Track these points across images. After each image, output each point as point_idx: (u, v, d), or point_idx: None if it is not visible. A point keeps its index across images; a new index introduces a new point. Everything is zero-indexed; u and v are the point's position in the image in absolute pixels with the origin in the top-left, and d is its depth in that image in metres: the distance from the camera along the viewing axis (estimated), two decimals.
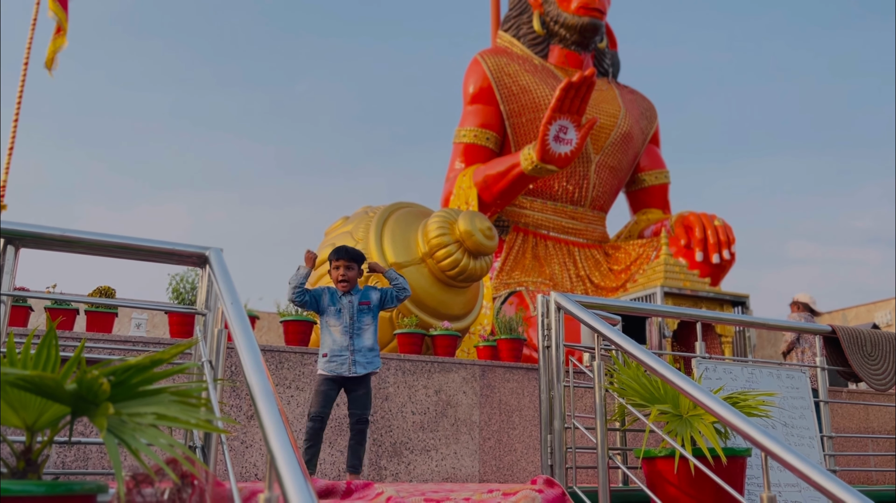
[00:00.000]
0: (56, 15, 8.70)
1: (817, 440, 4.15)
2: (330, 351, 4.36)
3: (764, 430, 2.43)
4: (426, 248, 8.15)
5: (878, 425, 8.92)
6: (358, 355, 4.35)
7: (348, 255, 4.56)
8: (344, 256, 4.54)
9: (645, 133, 13.46)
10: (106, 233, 2.59)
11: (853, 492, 2.05)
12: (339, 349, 4.34)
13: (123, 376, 2.12)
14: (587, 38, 12.83)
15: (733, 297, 9.83)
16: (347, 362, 4.33)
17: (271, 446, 1.57)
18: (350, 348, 4.35)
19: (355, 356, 4.34)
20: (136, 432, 1.95)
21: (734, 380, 3.99)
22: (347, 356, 4.33)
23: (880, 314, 16.03)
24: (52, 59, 8.77)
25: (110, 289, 5.80)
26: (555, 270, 11.82)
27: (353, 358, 4.33)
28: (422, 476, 6.01)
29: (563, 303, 3.60)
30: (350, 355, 4.33)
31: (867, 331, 4.76)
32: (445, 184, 12.30)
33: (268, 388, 1.77)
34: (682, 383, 2.80)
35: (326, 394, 4.38)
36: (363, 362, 4.37)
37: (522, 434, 6.43)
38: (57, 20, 8.71)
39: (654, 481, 3.30)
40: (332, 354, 4.35)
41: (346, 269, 4.53)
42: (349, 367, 4.32)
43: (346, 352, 4.34)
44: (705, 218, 11.38)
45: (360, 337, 4.41)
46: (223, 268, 2.56)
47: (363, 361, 4.38)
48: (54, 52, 8.79)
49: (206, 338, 2.66)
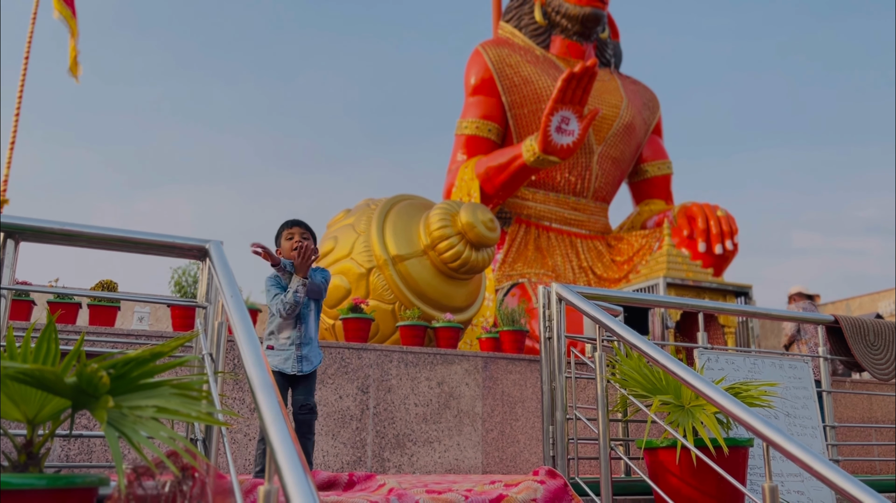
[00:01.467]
0: (63, 16, 8.53)
1: (820, 430, 4.14)
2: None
3: (765, 420, 2.42)
4: (428, 241, 8.15)
5: (881, 415, 8.91)
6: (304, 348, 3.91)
7: (305, 226, 4.05)
8: (300, 224, 4.03)
9: (647, 123, 13.42)
10: (106, 226, 2.59)
11: (854, 481, 2.05)
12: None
13: (124, 369, 2.13)
14: (589, 29, 12.78)
15: (736, 288, 9.82)
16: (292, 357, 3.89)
17: (270, 439, 1.57)
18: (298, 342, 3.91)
19: (302, 351, 3.90)
20: (136, 425, 1.95)
21: (736, 370, 3.98)
22: (293, 352, 3.89)
23: (884, 303, 16.00)
24: (74, 64, 8.63)
25: (112, 282, 5.81)
26: (557, 262, 11.80)
27: (300, 353, 3.89)
28: (425, 468, 6.02)
29: (565, 294, 3.59)
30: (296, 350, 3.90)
31: (870, 321, 4.74)
32: (447, 175, 12.29)
33: (267, 381, 1.77)
34: (683, 373, 2.79)
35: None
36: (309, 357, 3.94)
37: (525, 425, 6.44)
38: (67, 24, 8.54)
39: (656, 471, 3.30)
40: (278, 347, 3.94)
41: (300, 237, 3.98)
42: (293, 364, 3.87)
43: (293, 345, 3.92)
44: (708, 208, 11.35)
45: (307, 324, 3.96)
46: (223, 261, 2.56)
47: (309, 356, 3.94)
48: (75, 58, 8.64)
49: (207, 331, 2.66)
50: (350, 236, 8.50)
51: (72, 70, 8.51)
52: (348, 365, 5.97)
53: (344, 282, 8.28)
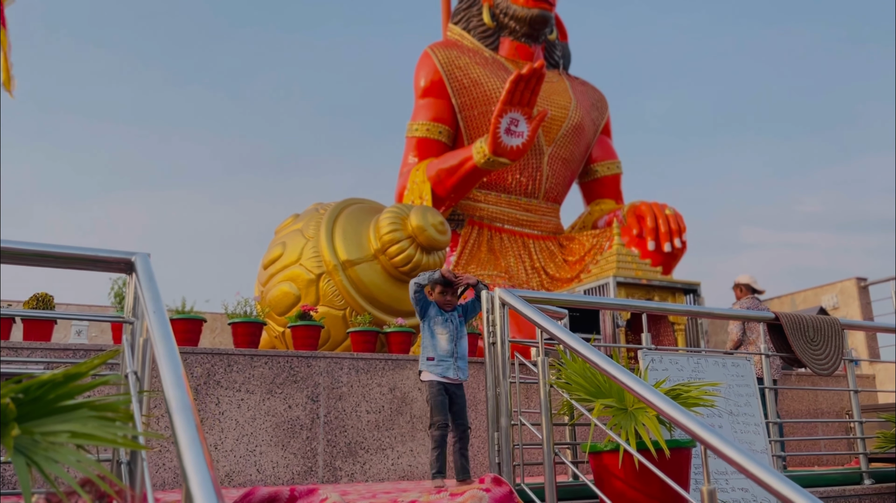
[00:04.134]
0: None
1: (763, 427, 4.20)
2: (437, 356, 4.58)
3: (702, 423, 2.42)
4: (378, 245, 8.07)
5: (827, 407, 9.13)
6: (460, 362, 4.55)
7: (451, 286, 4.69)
8: (450, 285, 4.67)
9: (596, 124, 13.54)
10: (22, 240, 2.47)
11: (785, 481, 2.06)
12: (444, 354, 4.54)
13: (38, 392, 2.02)
14: (537, 30, 12.84)
15: (685, 285, 9.95)
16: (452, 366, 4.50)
17: (184, 464, 1.50)
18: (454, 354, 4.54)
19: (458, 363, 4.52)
20: (49, 452, 1.85)
21: (680, 370, 4.01)
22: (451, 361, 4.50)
23: (826, 297, 16.42)
24: (8, 79, 8.25)
25: (48, 295, 5.62)
26: (510, 263, 11.83)
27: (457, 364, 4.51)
28: (378, 475, 5.95)
29: (508, 298, 3.57)
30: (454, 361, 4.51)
31: (809, 317, 4.83)
32: (399, 178, 12.22)
33: (186, 403, 1.69)
34: (622, 377, 2.79)
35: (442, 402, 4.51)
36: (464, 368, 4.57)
37: (479, 429, 6.41)
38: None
39: (600, 475, 3.29)
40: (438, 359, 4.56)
41: (452, 296, 4.66)
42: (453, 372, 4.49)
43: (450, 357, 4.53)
44: (656, 207, 11.49)
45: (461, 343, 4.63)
46: (149, 275, 2.46)
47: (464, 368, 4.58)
48: (9, 72, 8.26)
49: (133, 348, 2.56)
50: (299, 242, 8.38)
51: (5, 85, 8.16)
52: (297, 373, 5.87)
53: (293, 289, 8.15)
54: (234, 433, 5.48)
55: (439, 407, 4.41)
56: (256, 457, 5.51)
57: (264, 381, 5.71)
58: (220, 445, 5.39)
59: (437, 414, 4.41)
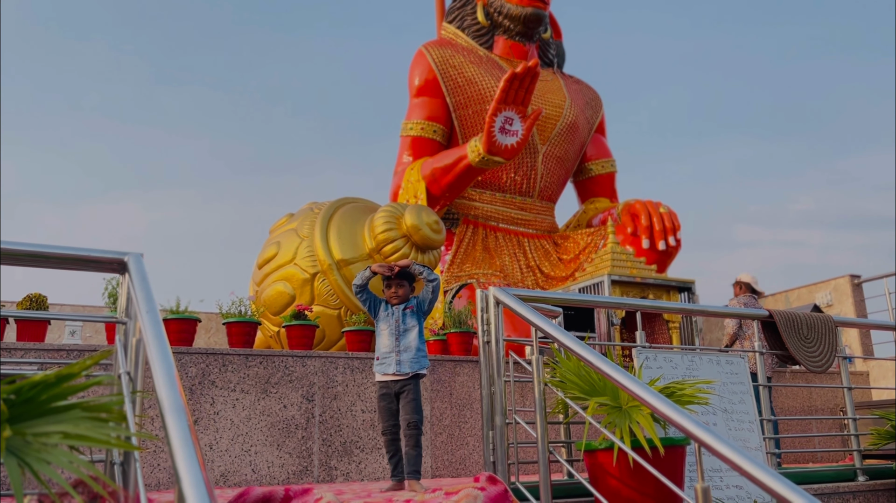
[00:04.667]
0: None
1: (757, 424, 4.20)
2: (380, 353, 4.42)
3: (695, 421, 2.43)
4: (373, 244, 8.07)
5: (821, 403, 9.16)
6: (403, 355, 4.30)
7: (400, 275, 4.49)
8: (397, 276, 4.49)
9: (591, 122, 13.55)
10: (14, 240, 2.46)
11: (779, 478, 2.06)
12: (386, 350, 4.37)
13: (30, 393, 2.01)
14: (531, 29, 12.83)
15: (679, 283, 9.95)
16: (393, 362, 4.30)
17: (177, 466, 1.49)
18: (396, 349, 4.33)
19: (400, 356, 4.29)
20: (41, 453, 1.85)
21: (674, 368, 4.02)
22: (393, 357, 4.31)
23: (820, 295, 16.44)
24: None
25: (41, 295, 5.60)
26: (505, 261, 11.83)
27: (398, 358, 4.28)
28: (373, 474, 5.95)
29: (502, 297, 3.57)
30: (395, 356, 4.30)
31: (803, 315, 4.84)
32: (394, 177, 12.20)
33: (178, 404, 1.69)
34: (617, 375, 2.79)
35: (387, 408, 4.33)
36: (407, 362, 4.30)
37: (474, 427, 6.41)
38: None
39: (595, 474, 3.30)
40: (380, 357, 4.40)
41: (397, 287, 4.46)
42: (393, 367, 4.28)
43: (391, 354, 4.34)
44: (651, 205, 11.50)
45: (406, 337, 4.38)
46: (142, 275, 2.45)
47: (407, 361, 4.30)
48: None
49: (126, 348, 2.55)
50: (293, 241, 8.36)
51: None
52: (292, 373, 5.86)
53: (287, 289, 8.14)
54: (230, 433, 5.47)
55: (382, 412, 4.29)
56: (252, 457, 5.50)
57: (259, 381, 5.71)
58: (215, 445, 5.38)
59: (381, 419, 4.30)
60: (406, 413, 4.19)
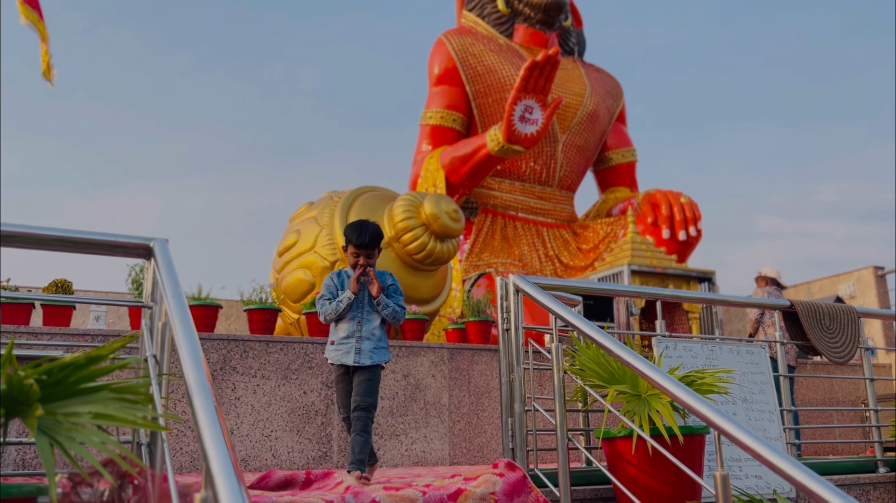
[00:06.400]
0: (30, 21, 8.16)
1: (777, 414, 4.19)
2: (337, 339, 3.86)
3: (716, 409, 2.43)
4: (392, 232, 8.09)
5: (842, 395, 9.08)
6: (364, 343, 3.80)
7: (372, 244, 3.88)
8: (368, 245, 3.85)
9: (611, 111, 13.47)
10: (45, 226, 2.50)
11: (800, 467, 2.06)
12: (344, 336, 3.83)
13: (60, 374, 2.06)
14: (552, 17, 12.77)
15: (700, 274, 9.92)
16: (352, 350, 3.78)
17: (205, 445, 1.53)
18: (356, 335, 3.80)
19: (361, 344, 3.79)
20: (71, 432, 1.89)
21: (694, 357, 4.01)
22: (352, 343, 3.79)
23: (843, 286, 16.28)
24: (48, 69, 8.27)
25: (67, 281, 5.68)
26: (524, 251, 11.83)
27: (359, 345, 3.78)
28: (392, 461, 6.00)
29: (522, 285, 3.57)
30: (356, 342, 3.79)
31: (825, 305, 4.81)
32: (413, 166, 12.23)
33: (205, 385, 1.72)
34: (636, 363, 2.79)
35: (344, 390, 3.85)
36: (368, 351, 3.81)
37: (492, 415, 6.44)
38: (35, 28, 8.18)
39: (614, 461, 3.31)
40: (337, 342, 3.85)
41: (366, 259, 3.85)
42: (352, 356, 3.78)
43: (351, 339, 3.80)
44: (671, 195, 11.44)
45: (370, 324, 3.85)
46: (167, 260, 2.49)
47: (368, 350, 3.80)
48: (48, 62, 8.28)
49: (152, 332, 2.59)
50: (313, 229, 8.40)
51: (45, 75, 8.19)
52: (312, 359, 5.91)
53: (308, 276, 8.19)
54: (250, 418, 5.54)
55: (341, 395, 3.84)
56: (272, 442, 5.57)
57: (280, 367, 5.76)
58: (236, 430, 5.45)
59: (340, 404, 3.88)
60: (358, 394, 3.72)
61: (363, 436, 3.65)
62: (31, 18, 8.12)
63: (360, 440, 3.64)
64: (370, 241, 3.84)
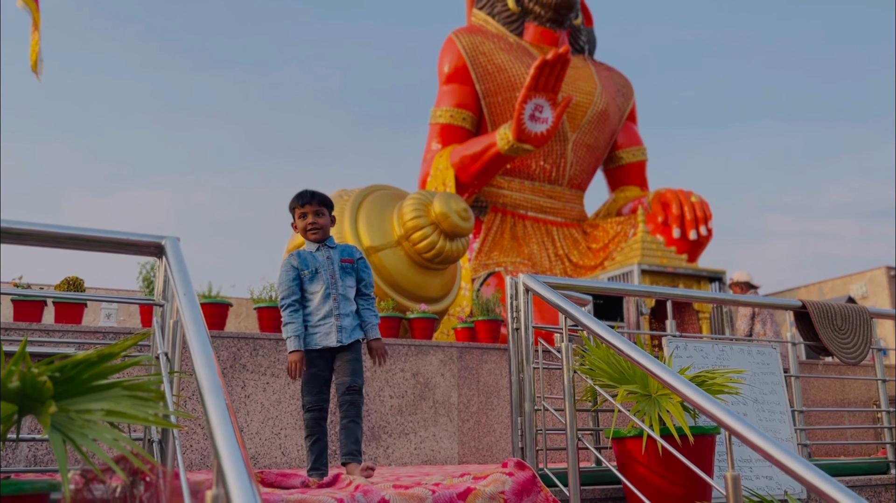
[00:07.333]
0: (27, 5, 8.15)
1: (788, 415, 4.17)
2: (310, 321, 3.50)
3: (727, 409, 2.42)
4: (402, 231, 8.10)
5: (854, 397, 9.03)
6: (344, 320, 3.48)
7: (316, 199, 3.57)
8: (310, 201, 3.55)
9: (621, 110, 13.44)
10: (57, 224, 2.52)
11: (811, 468, 2.05)
12: (321, 317, 3.48)
13: (72, 372, 2.07)
14: (562, 15, 12.75)
15: (710, 273, 9.88)
16: (333, 330, 3.45)
17: (216, 443, 1.53)
18: (335, 313, 3.46)
19: (341, 321, 3.46)
20: (84, 429, 1.90)
21: (704, 357, 3.99)
22: (332, 322, 3.45)
23: (855, 287, 16.17)
24: (35, 61, 8.22)
25: (78, 279, 5.72)
26: (533, 250, 11.81)
27: (339, 324, 3.45)
28: (401, 459, 6.00)
29: (532, 284, 3.57)
30: (335, 321, 3.45)
31: (837, 305, 4.78)
32: (422, 165, 12.24)
33: (216, 383, 1.73)
34: (647, 363, 2.79)
35: (317, 375, 3.49)
36: (349, 328, 3.50)
37: (501, 414, 6.44)
38: (30, 14, 8.16)
39: (624, 461, 3.30)
40: (313, 324, 3.50)
41: (315, 216, 3.53)
42: (335, 336, 3.46)
43: (329, 318, 3.47)
44: (682, 194, 11.41)
45: (346, 300, 3.52)
46: (179, 258, 2.50)
47: (349, 327, 3.50)
48: (36, 55, 8.22)
49: (164, 330, 2.61)
50: None
51: (33, 68, 8.13)
52: None
53: None
54: (260, 416, 5.55)
55: (312, 381, 3.46)
56: (281, 440, 5.58)
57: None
58: (245, 428, 5.47)
59: (308, 391, 3.49)
60: (345, 374, 3.42)
61: (357, 423, 3.43)
62: (28, 4, 8.09)
63: (355, 427, 3.43)
64: (312, 196, 3.56)
